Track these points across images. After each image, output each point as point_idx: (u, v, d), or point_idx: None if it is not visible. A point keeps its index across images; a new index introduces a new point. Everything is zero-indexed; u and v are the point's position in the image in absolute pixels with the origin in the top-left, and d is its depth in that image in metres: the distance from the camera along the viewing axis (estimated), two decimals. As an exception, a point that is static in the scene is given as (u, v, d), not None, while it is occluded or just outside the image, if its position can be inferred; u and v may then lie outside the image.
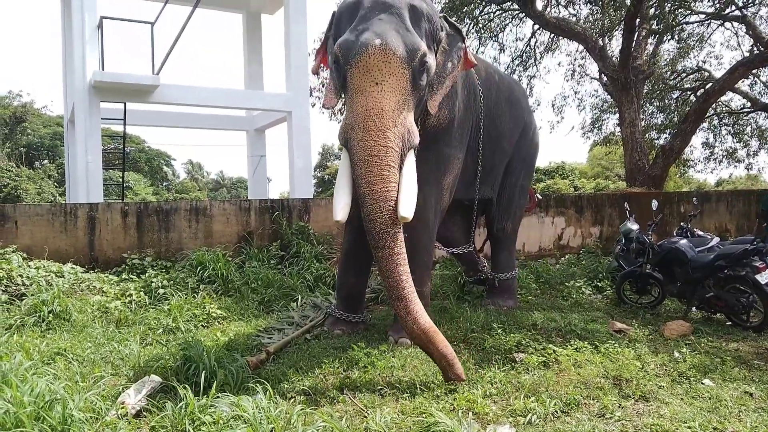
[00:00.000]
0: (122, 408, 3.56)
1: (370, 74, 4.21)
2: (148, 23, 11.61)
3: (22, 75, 75.48)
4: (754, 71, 16.19)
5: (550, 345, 4.95)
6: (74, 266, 7.25)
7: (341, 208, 4.30)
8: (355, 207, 4.41)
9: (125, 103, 11.80)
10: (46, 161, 32.47)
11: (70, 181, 13.52)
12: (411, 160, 4.40)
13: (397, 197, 4.13)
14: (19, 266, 6.74)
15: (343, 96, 4.71)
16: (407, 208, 4.13)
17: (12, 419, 3.02)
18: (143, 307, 6.49)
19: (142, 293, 6.74)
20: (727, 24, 16.73)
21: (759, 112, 18.34)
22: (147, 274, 7.27)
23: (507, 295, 6.83)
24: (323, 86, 17.43)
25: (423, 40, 4.54)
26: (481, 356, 4.80)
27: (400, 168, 4.24)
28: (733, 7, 14.67)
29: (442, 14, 5.11)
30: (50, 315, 5.77)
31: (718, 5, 14.26)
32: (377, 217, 4.07)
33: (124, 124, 12.32)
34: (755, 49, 15.42)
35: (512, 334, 5.27)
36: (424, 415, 3.53)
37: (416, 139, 4.39)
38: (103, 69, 11.08)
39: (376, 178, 4.08)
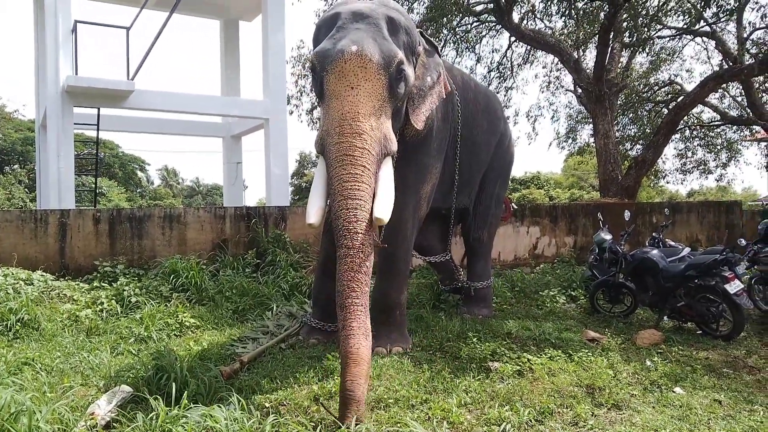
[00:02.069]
0: (92, 419, 3.48)
1: (345, 79, 4.20)
2: (124, 28, 11.47)
3: (-7, 78, 73.99)
4: (723, 85, 16.58)
5: (525, 354, 4.98)
6: (44, 274, 7.11)
7: (315, 211, 4.26)
8: (331, 214, 4.39)
9: (99, 108, 11.63)
10: (16, 166, 31.81)
11: (42, 186, 13.27)
12: (388, 165, 4.39)
13: (370, 199, 4.06)
14: (-14, 273, 6.59)
15: (319, 104, 4.70)
16: (383, 211, 4.10)
17: (-25, 431, 2.94)
18: (115, 316, 6.38)
19: (113, 301, 6.63)
20: (698, 39, 17.16)
21: (729, 125, 18.78)
22: (119, 282, 7.15)
23: (482, 304, 6.87)
24: (301, 94, 17.45)
25: (401, 50, 4.57)
26: (456, 365, 4.81)
27: (377, 173, 4.23)
28: (703, 23, 15.03)
29: (418, 29, 5.16)
30: (18, 323, 5.65)
31: (688, 20, 14.59)
32: (341, 214, 3.95)
33: (98, 130, 12.14)
34: (724, 63, 15.81)
35: (487, 343, 5.30)
36: (399, 425, 3.52)
37: (394, 146, 4.40)
38: (76, 73, 10.92)
39: (348, 175, 4.02)
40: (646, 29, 13.88)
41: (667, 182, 22.70)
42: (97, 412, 3.58)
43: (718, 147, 19.76)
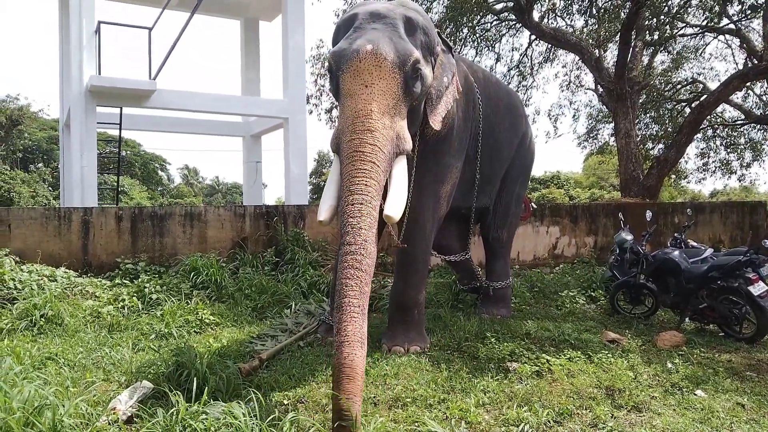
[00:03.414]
0: (113, 414, 3.53)
1: (360, 77, 4.23)
2: (146, 28, 11.61)
3: (20, 78, 75.41)
4: (748, 84, 16.31)
5: (544, 354, 4.94)
6: (67, 270, 7.22)
7: (326, 209, 4.26)
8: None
9: (121, 108, 11.79)
10: (40, 165, 32.39)
11: (65, 185, 13.48)
12: (402, 164, 4.39)
13: (377, 197, 4.00)
14: (12, 270, 6.71)
15: (337, 104, 4.72)
16: (393, 209, 4.12)
17: (1, 425, 2.99)
18: (136, 313, 6.46)
19: (134, 298, 6.71)
20: (721, 36, 16.89)
21: (752, 124, 18.47)
22: (140, 279, 7.24)
23: (501, 304, 6.83)
24: (320, 94, 17.53)
25: (419, 51, 4.56)
26: (474, 365, 4.79)
27: (389, 171, 4.24)
28: (727, 20, 14.80)
29: (436, 30, 5.15)
30: (42, 319, 5.74)
31: (711, 17, 14.38)
32: (346, 209, 3.86)
33: (120, 129, 12.31)
34: (749, 61, 15.54)
35: (505, 343, 5.27)
36: (416, 424, 3.53)
37: (408, 145, 4.39)
38: (99, 73, 11.08)
39: (357, 171, 3.99)
40: (668, 27, 13.71)
41: (689, 182, 22.42)
42: (119, 407, 3.63)
43: (742, 147, 19.44)
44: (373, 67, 4.21)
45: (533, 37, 16.28)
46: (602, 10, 14.15)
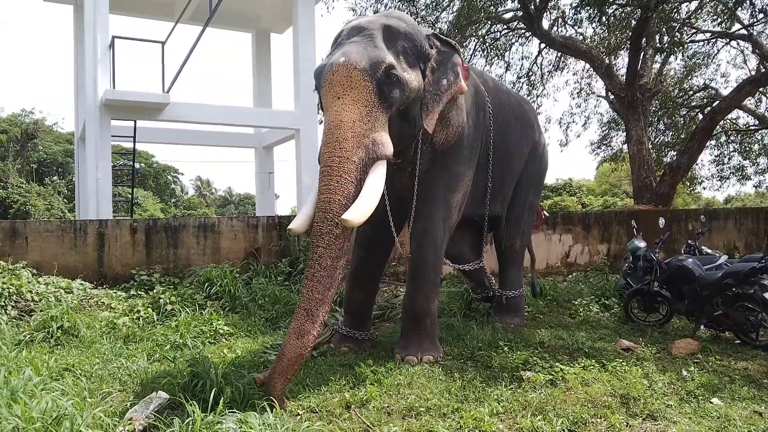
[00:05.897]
0: (129, 424, 3.57)
1: (332, 90, 4.40)
2: (159, 42, 11.76)
3: (35, 92, 76.52)
4: (761, 89, 16.20)
5: (557, 363, 4.93)
6: (83, 282, 7.31)
7: (298, 217, 4.50)
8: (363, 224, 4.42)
9: (135, 121, 11.91)
10: (56, 177, 32.75)
11: (80, 197, 13.62)
12: (378, 170, 4.42)
13: (345, 208, 4.13)
14: (29, 282, 6.79)
15: None
16: (351, 213, 4.11)
17: (21, 435, 3.04)
18: (151, 324, 6.51)
19: (149, 309, 6.77)
20: (734, 42, 16.81)
21: (766, 130, 18.31)
22: (155, 291, 7.30)
23: (514, 313, 6.82)
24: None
25: (399, 57, 4.65)
26: (488, 374, 4.79)
27: (362, 179, 4.29)
28: (739, 26, 14.73)
29: (432, 32, 5.18)
30: (59, 331, 5.80)
31: (723, 23, 14.32)
32: (315, 225, 4.20)
33: (134, 142, 12.44)
34: (761, 67, 15.45)
35: (519, 352, 5.26)
36: (430, 433, 3.53)
37: (386, 151, 4.43)
38: (114, 87, 11.21)
39: (324, 188, 4.21)
40: (678, 33, 13.67)
41: (704, 188, 22.25)
42: (135, 417, 3.66)
43: (756, 153, 19.27)
44: (343, 78, 4.36)
45: (543, 45, 16.29)
46: (612, 18, 14.14)
